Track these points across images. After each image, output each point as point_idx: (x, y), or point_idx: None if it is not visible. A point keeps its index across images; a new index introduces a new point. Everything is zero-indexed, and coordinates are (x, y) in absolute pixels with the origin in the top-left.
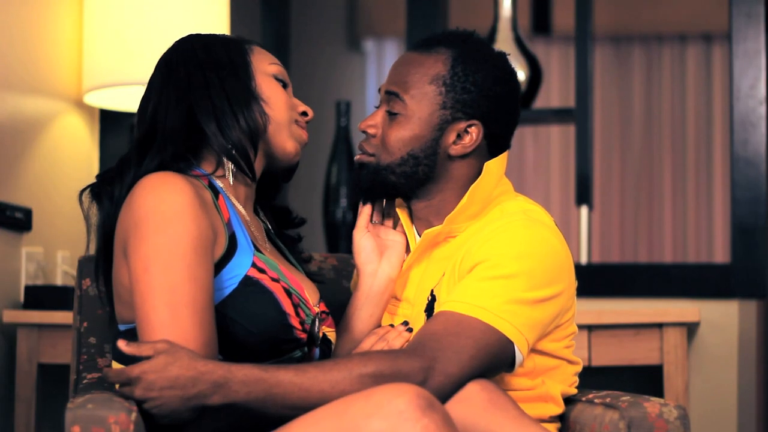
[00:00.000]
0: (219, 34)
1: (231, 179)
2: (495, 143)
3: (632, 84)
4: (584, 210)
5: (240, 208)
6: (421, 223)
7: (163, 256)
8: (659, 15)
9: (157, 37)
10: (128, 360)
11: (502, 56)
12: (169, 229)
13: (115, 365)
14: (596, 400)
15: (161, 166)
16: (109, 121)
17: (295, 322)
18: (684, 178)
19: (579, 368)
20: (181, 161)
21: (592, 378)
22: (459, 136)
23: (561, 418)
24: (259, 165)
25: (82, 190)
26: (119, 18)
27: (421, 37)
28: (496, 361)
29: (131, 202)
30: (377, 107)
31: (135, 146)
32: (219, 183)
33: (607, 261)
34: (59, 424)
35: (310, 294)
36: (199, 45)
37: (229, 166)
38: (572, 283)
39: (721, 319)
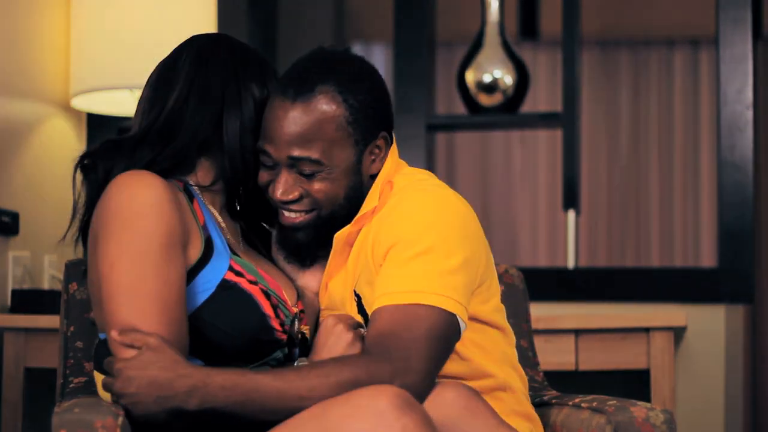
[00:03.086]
0: (255, 48)
1: (239, 204)
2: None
3: (619, 89)
4: (571, 214)
5: (216, 214)
6: None
7: (130, 252)
8: (646, 20)
9: (145, 41)
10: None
11: (356, 55)
12: (136, 226)
13: (97, 375)
14: (583, 405)
15: (153, 162)
16: (96, 125)
17: (275, 323)
18: (671, 183)
19: (513, 340)
20: (178, 161)
21: (579, 382)
22: (371, 153)
23: (546, 422)
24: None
25: (79, 163)
26: (107, 21)
27: (294, 73)
28: (449, 339)
29: (103, 200)
30: (270, 168)
31: (142, 131)
32: (195, 189)
33: (594, 265)
34: (46, 428)
35: (288, 294)
36: (239, 54)
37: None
38: (481, 233)
39: (708, 323)
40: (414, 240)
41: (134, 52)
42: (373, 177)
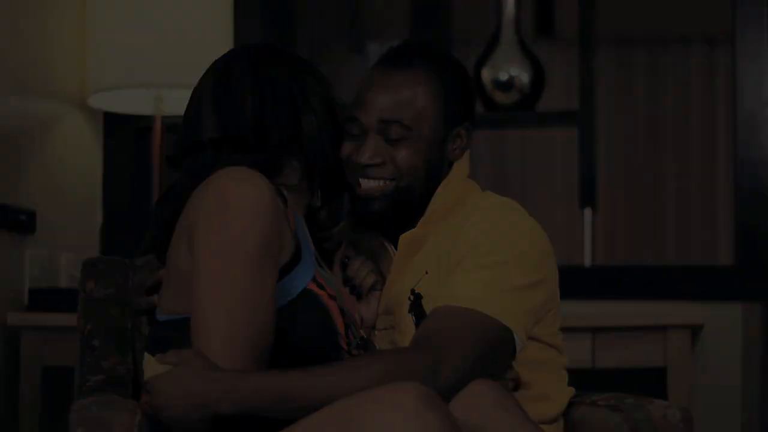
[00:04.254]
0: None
1: (319, 200)
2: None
3: (635, 86)
4: (588, 212)
5: (303, 221)
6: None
7: (232, 248)
8: (662, 17)
9: (161, 40)
10: (161, 351)
11: (451, 54)
12: (242, 222)
13: (147, 356)
14: (600, 402)
15: (253, 164)
16: (113, 123)
17: (343, 342)
18: (688, 180)
19: (565, 361)
20: (275, 162)
21: (596, 380)
22: (453, 140)
23: (564, 420)
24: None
25: (183, 148)
26: (123, 20)
27: (394, 51)
28: (498, 351)
29: (208, 191)
30: (355, 138)
31: (235, 132)
32: (285, 192)
33: (610, 263)
34: (64, 427)
35: (358, 317)
36: (285, 54)
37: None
38: (555, 265)
39: (725, 321)
40: (493, 250)
41: (151, 51)
42: (450, 165)
